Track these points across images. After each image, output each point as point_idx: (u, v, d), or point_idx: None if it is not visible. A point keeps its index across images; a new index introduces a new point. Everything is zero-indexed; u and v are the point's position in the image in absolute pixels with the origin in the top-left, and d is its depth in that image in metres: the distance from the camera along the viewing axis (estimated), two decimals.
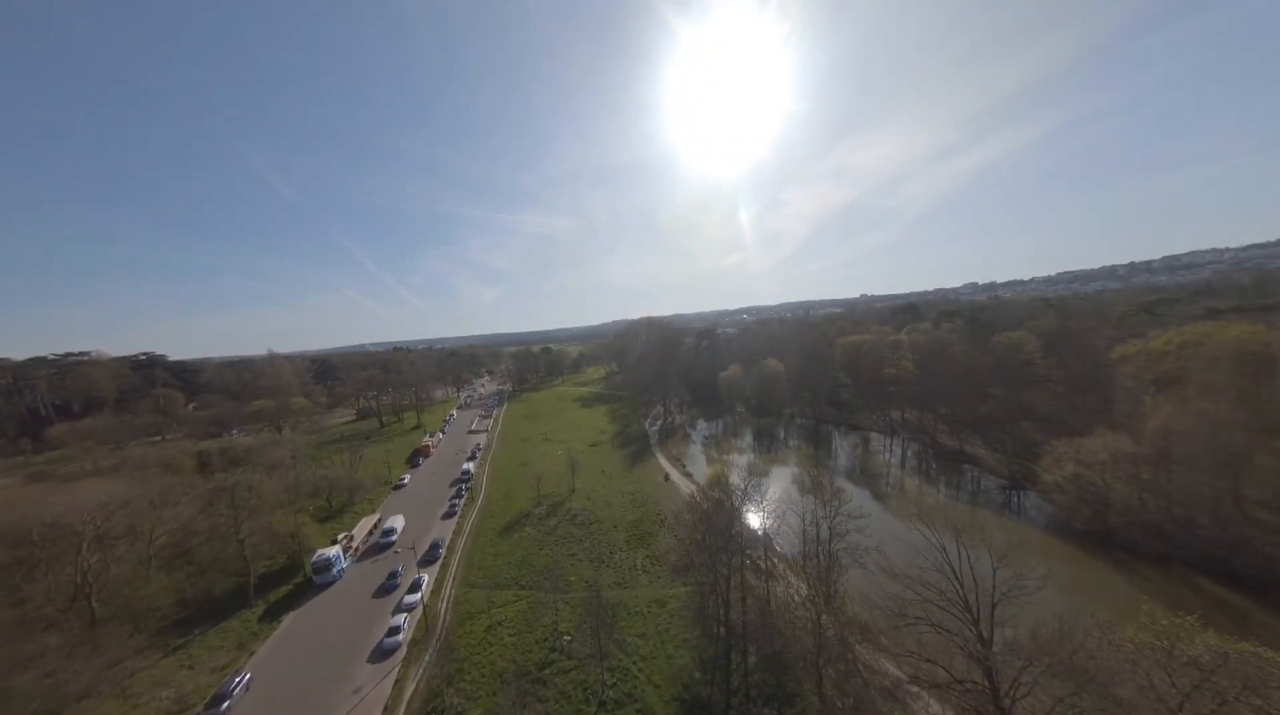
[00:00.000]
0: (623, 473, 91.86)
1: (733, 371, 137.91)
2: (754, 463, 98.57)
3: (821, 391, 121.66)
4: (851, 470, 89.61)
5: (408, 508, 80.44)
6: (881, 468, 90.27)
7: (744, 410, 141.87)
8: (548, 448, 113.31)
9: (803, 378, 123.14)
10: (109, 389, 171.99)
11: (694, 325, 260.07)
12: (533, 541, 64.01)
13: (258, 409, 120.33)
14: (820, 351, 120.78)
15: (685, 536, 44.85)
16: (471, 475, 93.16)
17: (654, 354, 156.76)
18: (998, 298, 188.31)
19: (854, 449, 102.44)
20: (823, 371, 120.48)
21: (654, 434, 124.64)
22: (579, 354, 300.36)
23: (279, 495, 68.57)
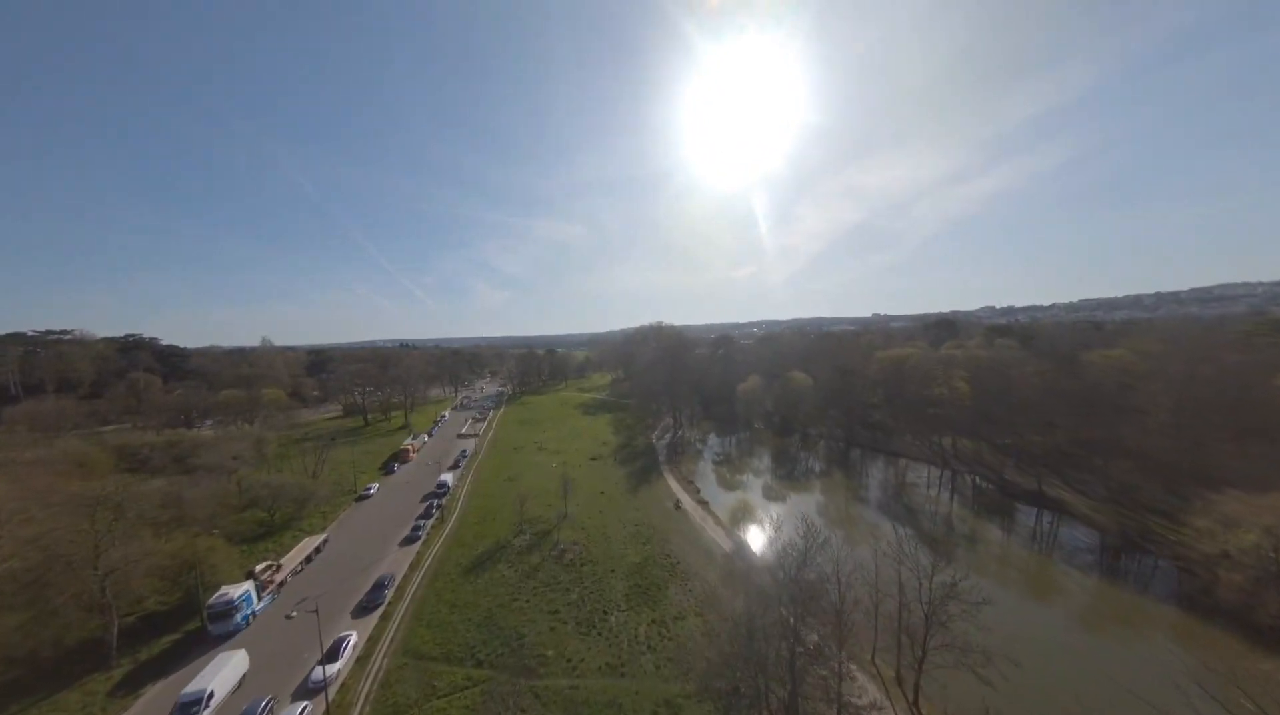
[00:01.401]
0: (625, 495, 76.60)
1: (752, 383, 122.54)
2: (781, 491, 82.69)
3: (854, 410, 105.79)
4: (902, 510, 73.44)
5: (365, 527, 65.85)
6: (937, 507, 74.00)
7: (762, 427, 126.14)
8: (541, 459, 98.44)
9: (832, 394, 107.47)
10: (86, 370, 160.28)
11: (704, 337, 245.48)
12: (506, 587, 48.85)
13: (226, 399, 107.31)
14: (854, 365, 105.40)
15: (727, 649, 29.18)
16: (449, 489, 78.50)
17: (664, 360, 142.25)
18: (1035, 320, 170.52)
19: (897, 481, 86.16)
20: (856, 388, 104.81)
21: (662, 449, 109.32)
22: (585, 359, 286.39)
23: (203, 506, 54.45)
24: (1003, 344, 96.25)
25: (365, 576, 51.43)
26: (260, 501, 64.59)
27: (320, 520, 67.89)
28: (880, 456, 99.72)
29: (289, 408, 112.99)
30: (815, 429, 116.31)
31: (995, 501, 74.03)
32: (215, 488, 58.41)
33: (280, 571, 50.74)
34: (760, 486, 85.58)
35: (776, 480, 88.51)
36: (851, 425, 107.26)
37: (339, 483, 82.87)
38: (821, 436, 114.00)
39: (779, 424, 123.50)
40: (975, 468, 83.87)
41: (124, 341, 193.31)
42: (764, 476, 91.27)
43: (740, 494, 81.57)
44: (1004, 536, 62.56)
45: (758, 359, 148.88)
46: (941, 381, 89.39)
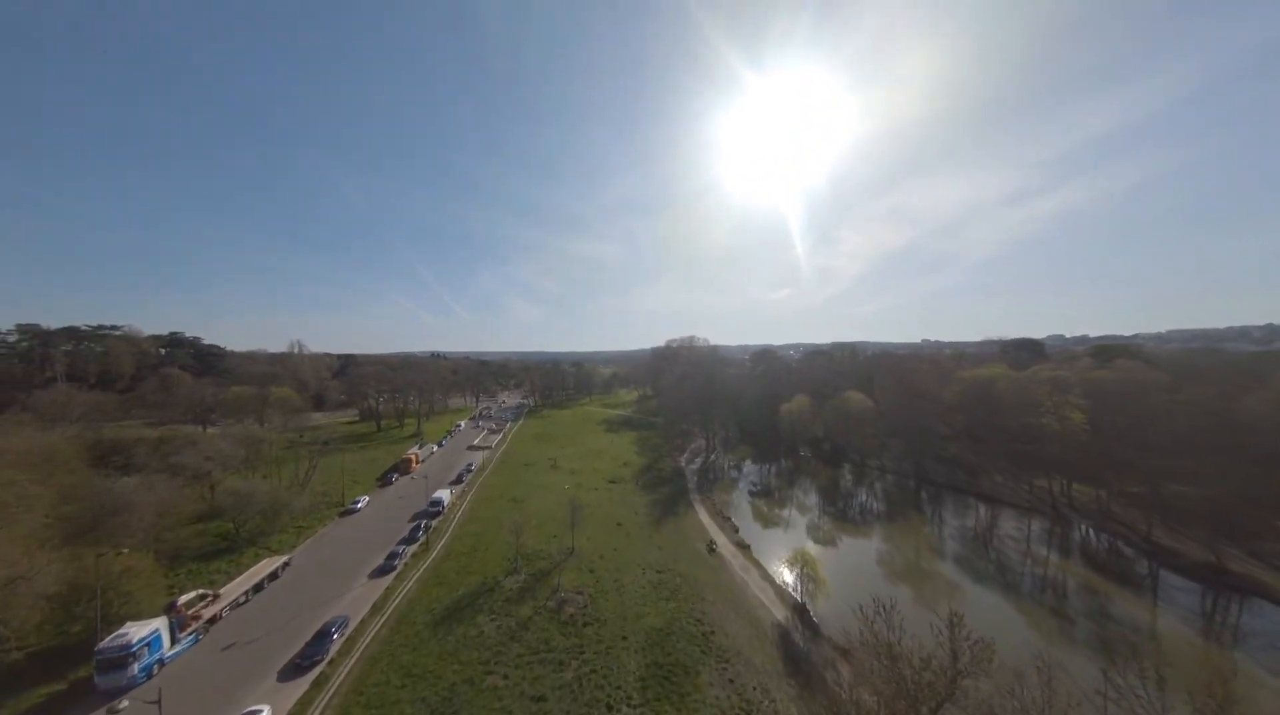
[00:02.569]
0: (647, 529, 63.92)
1: (797, 404, 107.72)
2: (836, 534, 67.47)
3: (926, 441, 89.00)
4: (999, 570, 56.83)
5: (337, 550, 56.38)
6: (1048, 571, 56.83)
7: (809, 455, 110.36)
8: (554, 479, 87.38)
9: (898, 420, 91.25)
10: (126, 364, 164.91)
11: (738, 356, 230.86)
12: (482, 650, 37.24)
13: (235, 396, 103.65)
14: (927, 387, 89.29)
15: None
16: (443, 508, 68.54)
17: (696, 376, 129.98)
18: (1138, 346, 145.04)
19: (985, 530, 68.97)
20: (928, 414, 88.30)
21: (692, 475, 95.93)
22: (611, 374, 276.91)
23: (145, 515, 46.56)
24: (1128, 366, 77.77)
25: (316, 616, 41.30)
26: (227, 511, 56.64)
27: (293, 537, 59.11)
28: (959, 498, 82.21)
29: (299, 409, 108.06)
30: (875, 461, 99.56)
31: (1132, 569, 56.03)
32: (170, 493, 50.62)
33: (216, 604, 41.39)
34: (811, 527, 70.58)
35: (830, 520, 73.18)
36: (922, 458, 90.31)
37: (327, 493, 74.89)
38: (883, 470, 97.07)
39: (829, 452, 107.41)
40: (1101, 522, 65.63)
41: (168, 339, 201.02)
42: (813, 515, 76.08)
43: (787, 536, 66.97)
44: (1183, 627, 45.01)
45: (803, 378, 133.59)
46: (1048, 409, 72.15)
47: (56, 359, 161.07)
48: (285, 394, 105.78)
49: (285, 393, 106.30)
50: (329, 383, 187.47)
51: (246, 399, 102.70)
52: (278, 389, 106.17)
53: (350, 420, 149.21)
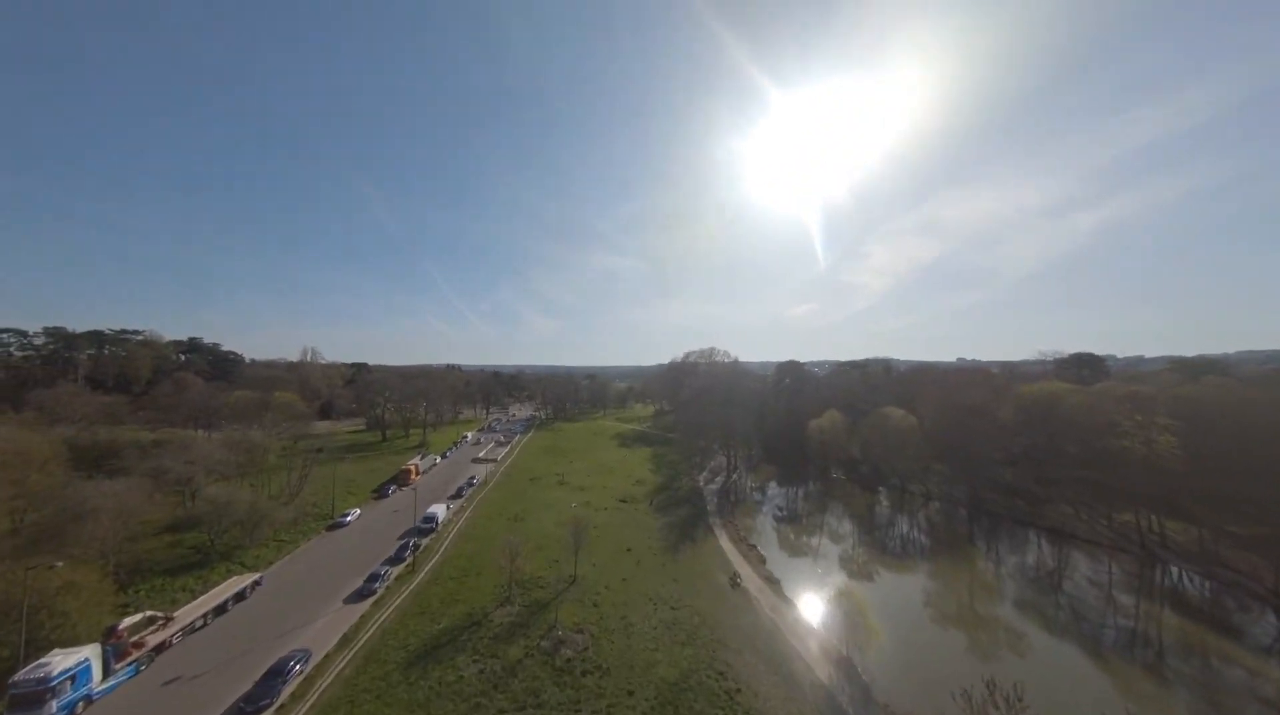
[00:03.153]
0: (661, 556, 57.62)
1: (828, 420, 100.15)
2: (877, 568, 59.59)
3: (980, 465, 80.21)
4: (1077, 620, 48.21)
5: (316, 568, 52.02)
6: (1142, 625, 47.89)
7: (842, 477, 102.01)
8: (560, 496, 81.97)
9: (947, 441, 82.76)
10: (144, 368, 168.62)
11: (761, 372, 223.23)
12: (459, 702, 31.62)
13: (238, 400, 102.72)
14: (981, 404, 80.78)
15: None
16: (437, 525, 63.83)
17: (716, 389, 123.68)
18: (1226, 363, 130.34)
19: (1055, 570, 59.93)
20: (983, 435, 79.64)
21: (711, 496, 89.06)
22: (627, 388, 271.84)
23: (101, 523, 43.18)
24: (1222, 382, 68.09)
25: (276, 647, 36.57)
26: (203, 522, 53.16)
27: (272, 551, 55.13)
28: (1020, 531, 72.96)
29: (301, 415, 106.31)
30: (919, 486, 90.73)
31: (1253, 626, 46.61)
32: (138, 499, 47.32)
33: (167, 629, 37.16)
34: (847, 559, 62.80)
35: (869, 552, 65.22)
36: (976, 484, 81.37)
37: (316, 504, 71.26)
38: (928, 496, 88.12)
39: (865, 475, 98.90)
40: (1206, 567, 56.00)
41: (187, 345, 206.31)
42: (849, 545, 68.18)
43: (821, 569, 59.48)
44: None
45: (834, 392, 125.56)
46: (1129, 431, 63.17)
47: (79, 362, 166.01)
48: (288, 399, 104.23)
49: (288, 398, 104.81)
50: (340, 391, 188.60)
51: (249, 403, 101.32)
52: (281, 394, 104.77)
53: (356, 429, 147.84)
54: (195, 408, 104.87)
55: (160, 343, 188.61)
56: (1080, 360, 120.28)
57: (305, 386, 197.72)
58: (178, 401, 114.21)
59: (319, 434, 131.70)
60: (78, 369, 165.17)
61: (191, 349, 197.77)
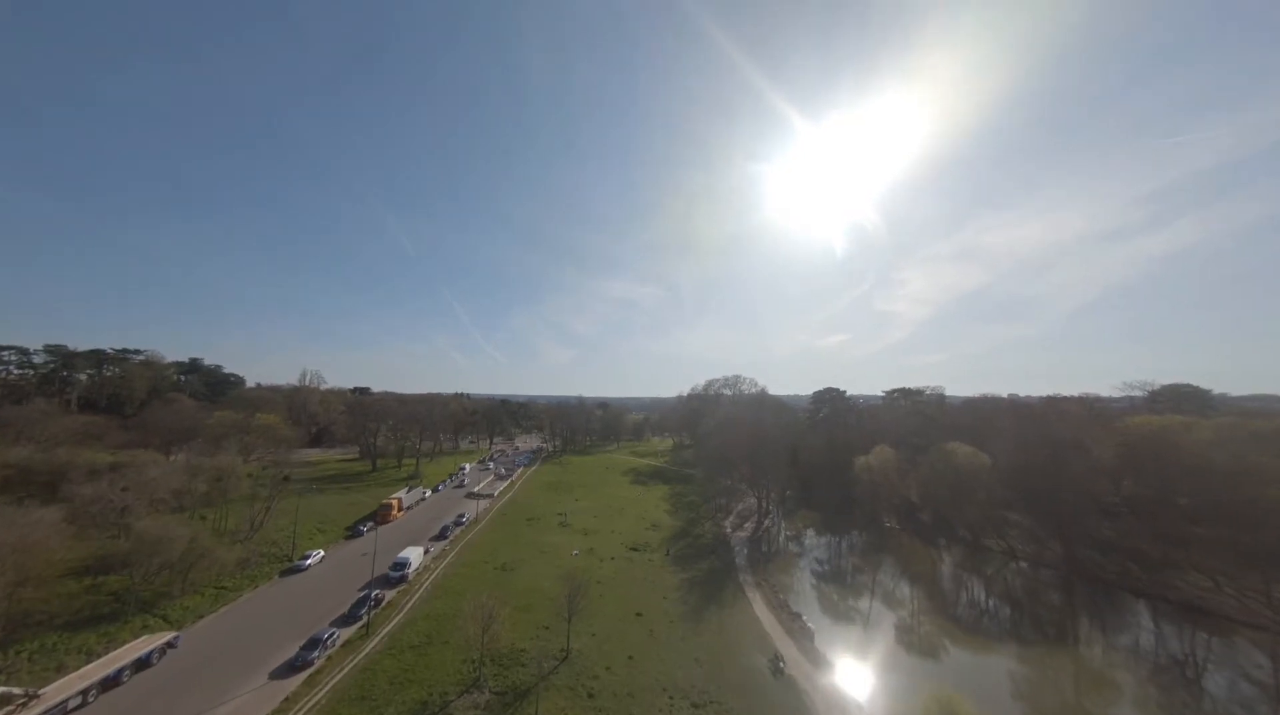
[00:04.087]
0: (679, 625, 47.57)
1: (879, 458, 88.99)
2: (954, 647, 47.83)
3: (1074, 515, 67.67)
4: None
5: (251, 626, 44.02)
6: None
7: (896, 525, 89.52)
8: (561, 540, 72.71)
9: (1034, 485, 70.63)
10: (140, 389, 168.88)
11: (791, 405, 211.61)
12: None
13: (218, 421, 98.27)
14: (1072, 439, 68.99)
15: None
16: (409, 573, 55.50)
17: (743, 419, 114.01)
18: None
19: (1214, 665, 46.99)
20: (1076, 478, 67.50)
21: (740, 545, 78.23)
22: (643, 419, 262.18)
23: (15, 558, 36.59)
24: None
25: None
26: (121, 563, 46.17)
27: (206, 601, 47.52)
28: (1136, 604, 59.76)
29: (283, 440, 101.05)
30: (996, 540, 77.87)
31: None
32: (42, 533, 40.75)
33: (26, 712, 29.47)
34: (912, 634, 51.11)
35: (938, 624, 53.34)
36: (1071, 541, 68.59)
37: (277, 543, 63.90)
38: (1010, 554, 75.11)
39: (927, 525, 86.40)
40: None
41: (187, 365, 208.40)
42: (911, 613, 56.30)
43: (882, 645, 48.13)
44: None
45: (882, 424, 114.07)
46: None
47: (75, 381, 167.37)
48: (270, 422, 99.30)
49: (270, 421, 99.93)
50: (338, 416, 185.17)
51: (230, 426, 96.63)
52: (263, 416, 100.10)
53: (348, 457, 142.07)
54: (170, 430, 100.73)
55: (160, 363, 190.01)
56: (1178, 393, 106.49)
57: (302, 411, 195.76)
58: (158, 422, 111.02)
59: (304, 461, 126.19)
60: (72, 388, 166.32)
61: (191, 370, 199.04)
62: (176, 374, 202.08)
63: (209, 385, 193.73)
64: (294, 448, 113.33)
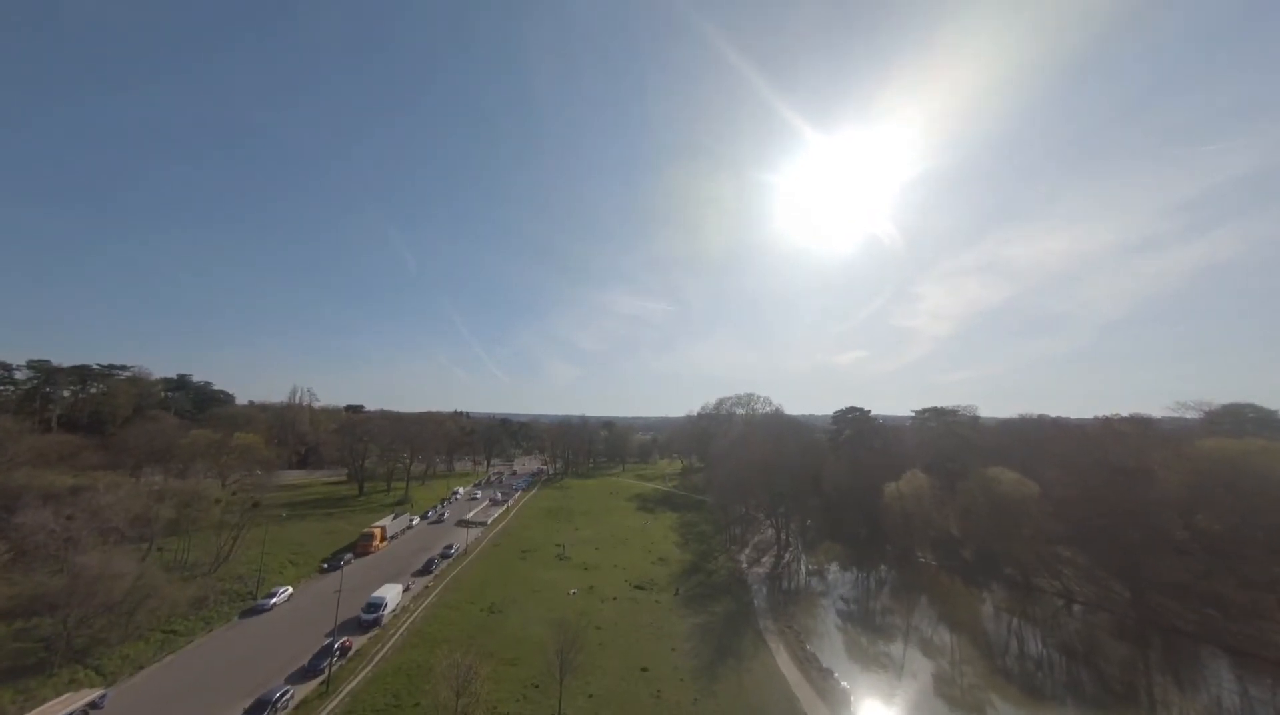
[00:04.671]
0: (690, 683, 42.17)
1: (911, 485, 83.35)
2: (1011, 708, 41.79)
3: (1143, 553, 61.41)
4: None
5: (194, 682, 39.41)
6: None
7: (931, 560, 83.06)
8: (559, 576, 67.53)
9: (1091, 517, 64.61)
10: (123, 406, 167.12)
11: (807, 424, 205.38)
12: None
13: (193, 441, 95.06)
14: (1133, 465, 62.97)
15: None
16: (383, 615, 50.75)
17: (757, 442, 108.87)
18: None
19: None
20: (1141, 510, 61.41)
21: (758, 582, 72.49)
22: (650, 439, 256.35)
23: None
24: None
25: None
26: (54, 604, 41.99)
27: (150, 650, 43.05)
28: (1221, 659, 53.17)
29: (263, 461, 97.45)
30: (1049, 579, 71.32)
31: None
32: None
33: None
34: (962, 694, 45.10)
35: (991, 679, 47.24)
36: (1138, 582, 62.19)
37: (243, 578, 59.50)
38: (1066, 596, 68.48)
39: (968, 560, 79.89)
40: None
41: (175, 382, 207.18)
42: (951, 662, 50.20)
43: (929, 708, 42.21)
44: None
45: (911, 447, 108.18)
46: None
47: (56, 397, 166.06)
48: (249, 441, 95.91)
49: (249, 440, 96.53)
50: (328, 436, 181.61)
51: (207, 446, 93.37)
52: (242, 436, 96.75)
53: (335, 480, 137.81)
54: (144, 450, 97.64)
55: (147, 379, 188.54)
56: (1238, 414, 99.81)
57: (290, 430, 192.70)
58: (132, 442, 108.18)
59: (287, 484, 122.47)
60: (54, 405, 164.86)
61: (179, 386, 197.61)
62: (164, 391, 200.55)
63: (196, 403, 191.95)
64: (274, 470, 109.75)
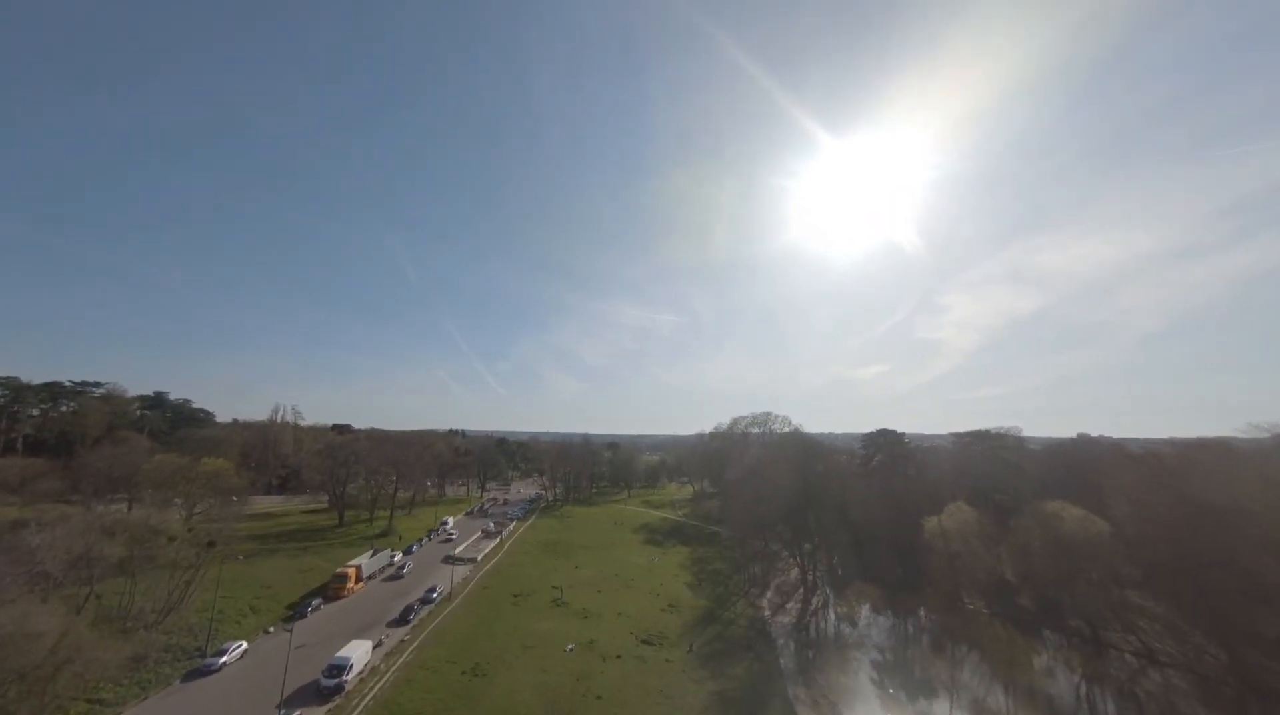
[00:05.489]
0: None
1: (956, 519, 77.32)
2: None
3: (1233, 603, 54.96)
4: None
5: None
6: None
7: (982, 607, 76.42)
8: (552, 628, 61.99)
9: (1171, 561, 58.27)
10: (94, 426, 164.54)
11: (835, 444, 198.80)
12: None
13: (158, 466, 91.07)
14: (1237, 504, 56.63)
15: None
16: (346, 681, 45.58)
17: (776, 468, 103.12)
18: None
19: None
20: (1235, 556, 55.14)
21: (783, 634, 66.49)
22: (658, 461, 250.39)
23: None
24: None
25: None
26: None
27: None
28: None
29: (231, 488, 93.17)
30: (1124, 634, 64.56)
31: None
32: None
33: None
34: None
35: None
36: (1234, 642, 55.56)
37: (193, 629, 54.80)
38: (1149, 656, 61.69)
39: (1025, 609, 73.21)
40: None
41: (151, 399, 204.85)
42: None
43: None
44: None
45: (948, 475, 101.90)
46: None
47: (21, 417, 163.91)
48: (218, 467, 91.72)
49: (218, 466, 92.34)
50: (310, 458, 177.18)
51: (169, 472, 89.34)
52: (210, 460, 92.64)
53: (315, 507, 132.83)
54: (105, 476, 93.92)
55: (121, 397, 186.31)
56: None
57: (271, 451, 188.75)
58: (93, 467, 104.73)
59: (261, 513, 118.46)
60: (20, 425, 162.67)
61: (155, 404, 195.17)
62: (139, 409, 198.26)
63: (173, 422, 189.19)
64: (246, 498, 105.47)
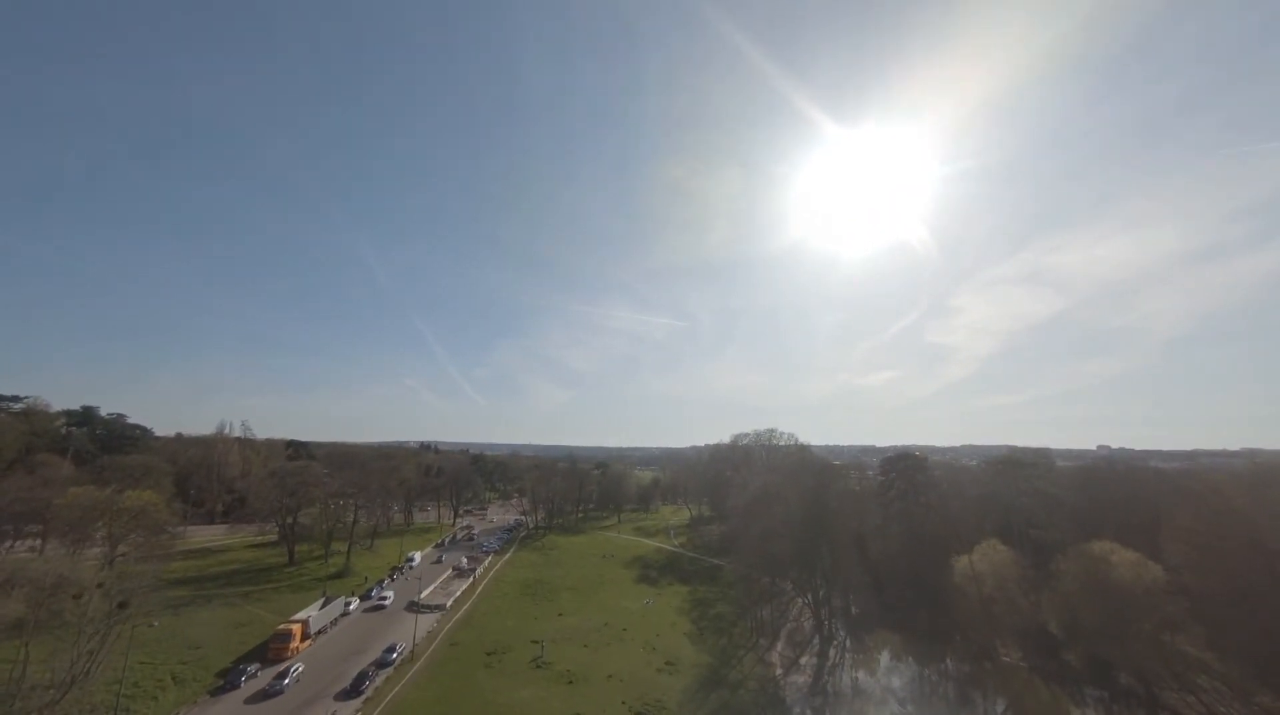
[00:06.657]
0: None
1: (989, 560, 73.86)
2: None
3: None
4: None
5: None
6: None
7: (1021, 660, 72.75)
8: (530, 698, 57.01)
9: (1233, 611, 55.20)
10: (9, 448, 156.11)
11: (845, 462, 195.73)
12: None
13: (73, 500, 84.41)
14: None
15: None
16: None
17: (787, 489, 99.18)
18: None
19: None
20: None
21: (797, 698, 62.18)
22: (652, 481, 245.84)
23: None
24: None
25: None
26: None
27: None
28: None
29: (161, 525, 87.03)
30: (1183, 694, 61.19)
31: None
32: None
33: None
34: None
35: None
36: None
37: (97, 710, 49.07)
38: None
39: (1070, 663, 69.65)
40: None
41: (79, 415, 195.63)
42: None
43: None
44: None
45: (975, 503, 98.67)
46: None
47: None
48: (146, 500, 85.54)
49: (146, 497, 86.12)
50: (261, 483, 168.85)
51: (86, 506, 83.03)
52: (135, 494, 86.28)
53: (264, 539, 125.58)
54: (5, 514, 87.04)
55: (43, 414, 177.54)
56: None
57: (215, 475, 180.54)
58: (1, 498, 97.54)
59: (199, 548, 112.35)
60: None
61: (82, 420, 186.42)
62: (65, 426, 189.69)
63: (103, 441, 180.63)
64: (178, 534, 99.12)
